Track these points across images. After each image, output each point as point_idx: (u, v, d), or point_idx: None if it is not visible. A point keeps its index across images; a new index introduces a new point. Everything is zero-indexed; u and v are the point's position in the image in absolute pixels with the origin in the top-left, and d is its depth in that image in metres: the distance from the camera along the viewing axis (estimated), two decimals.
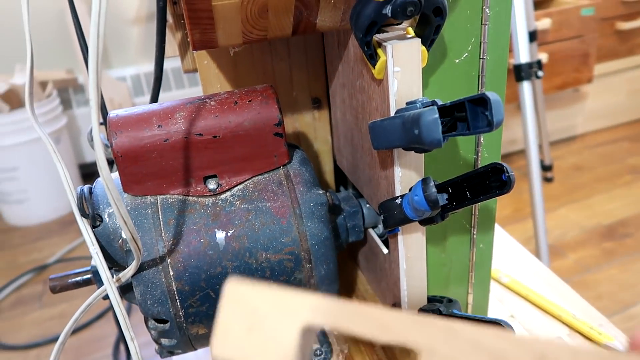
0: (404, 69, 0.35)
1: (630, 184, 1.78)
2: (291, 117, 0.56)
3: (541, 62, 1.26)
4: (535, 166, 1.23)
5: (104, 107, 0.51)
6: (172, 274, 0.39)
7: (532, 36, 1.29)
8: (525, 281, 0.62)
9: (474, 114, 0.30)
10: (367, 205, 0.49)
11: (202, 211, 0.41)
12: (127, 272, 0.38)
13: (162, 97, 0.50)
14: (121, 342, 1.23)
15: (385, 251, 0.47)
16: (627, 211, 1.65)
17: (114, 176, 0.43)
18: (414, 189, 0.36)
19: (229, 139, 0.41)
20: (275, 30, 0.39)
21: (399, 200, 0.38)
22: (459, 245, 0.48)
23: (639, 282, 1.35)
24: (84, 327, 1.32)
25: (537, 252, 1.27)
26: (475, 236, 0.47)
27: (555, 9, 1.71)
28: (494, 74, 0.41)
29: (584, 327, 0.54)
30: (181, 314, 0.40)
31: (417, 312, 0.43)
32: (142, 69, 2.08)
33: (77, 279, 0.44)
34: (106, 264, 0.39)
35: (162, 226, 0.40)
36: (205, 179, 0.42)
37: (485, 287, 0.52)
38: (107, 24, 0.27)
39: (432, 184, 0.34)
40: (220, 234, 0.40)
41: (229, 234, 0.41)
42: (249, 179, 0.43)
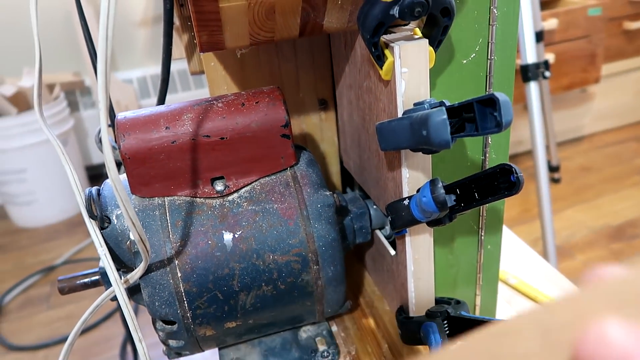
0: (411, 70, 0.35)
1: (638, 185, 1.77)
2: (298, 119, 0.56)
3: (548, 63, 1.25)
4: (542, 167, 1.23)
5: (111, 109, 0.51)
6: (179, 275, 0.40)
7: (539, 36, 1.28)
8: (533, 282, 0.62)
9: (483, 114, 0.30)
10: (374, 206, 0.49)
11: (209, 213, 0.41)
12: (135, 274, 0.38)
13: (168, 99, 0.51)
14: (128, 343, 1.24)
15: (392, 252, 0.47)
16: (635, 212, 1.63)
17: (121, 178, 0.43)
18: (421, 190, 0.36)
19: (236, 140, 0.42)
20: (282, 31, 0.39)
21: (406, 201, 0.37)
22: (467, 246, 0.47)
23: None
24: (91, 328, 1.32)
25: (545, 253, 1.26)
26: (483, 237, 0.47)
27: (562, 9, 1.70)
28: (502, 74, 0.40)
29: None
30: (189, 315, 0.40)
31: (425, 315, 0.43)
32: (149, 71, 2.09)
33: (86, 280, 0.44)
34: (114, 266, 0.39)
35: (169, 228, 0.40)
36: (212, 181, 0.42)
37: (493, 288, 0.51)
38: (114, 26, 0.27)
39: (440, 185, 0.34)
40: (227, 236, 0.41)
41: (237, 236, 0.41)
42: (256, 181, 0.43)
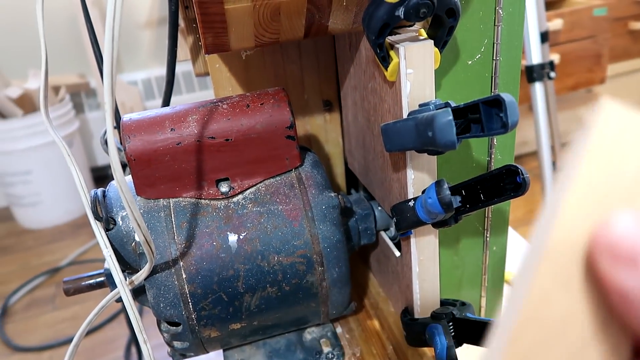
0: (416, 71, 0.35)
1: None
2: (302, 120, 0.56)
3: (553, 63, 1.24)
4: (547, 168, 1.22)
5: (116, 111, 0.51)
6: (184, 276, 0.40)
7: (544, 37, 1.28)
8: None
9: (489, 115, 0.30)
10: (379, 207, 0.49)
11: (214, 214, 0.41)
12: (140, 275, 0.38)
13: (173, 101, 0.51)
14: (133, 344, 1.24)
15: (397, 254, 0.47)
16: None
17: (127, 179, 0.43)
18: (427, 191, 0.35)
19: (241, 141, 0.42)
20: (287, 33, 0.39)
21: (411, 202, 0.37)
22: (472, 248, 0.47)
23: None
24: (96, 329, 1.33)
25: None
26: (488, 239, 0.47)
27: (567, 9, 1.69)
28: (507, 75, 0.40)
29: None
30: (193, 316, 0.40)
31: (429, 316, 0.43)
32: (153, 72, 2.09)
33: (91, 281, 0.44)
34: (119, 267, 0.39)
35: (174, 229, 0.40)
36: (217, 182, 0.42)
37: (498, 290, 0.51)
38: (120, 28, 0.27)
39: (445, 186, 0.34)
40: (232, 237, 0.41)
41: (241, 237, 0.41)
42: (261, 182, 0.43)
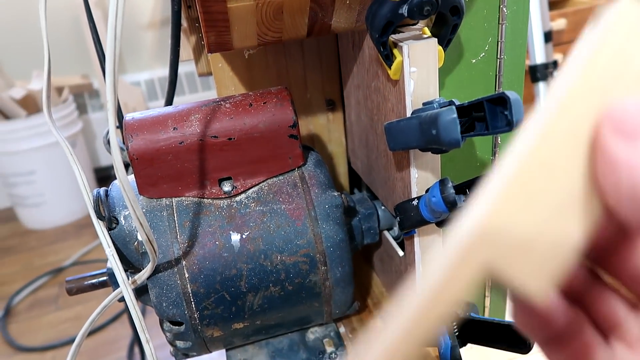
0: (420, 69, 0.35)
1: None
2: (305, 119, 0.56)
3: (557, 63, 1.24)
4: None
5: (119, 110, 0.51)
6: (187, 276, 0.39)
7: (548, 37, 1.27)
8: None
9: (493, 113, 0.30)
10: (382, 207, 0.49)
11: (217, 213, 0.41)
12: (142, 274, 0.38)
13: (175, 101, 0.51)
14: (136, 344, 1.24)
15: (400, 253, 0.47)
16: None
17: (129, 179, 0.43)
18: (431, 190, 0.35)
19: (244, 141, 0.41)
20: (290, 31, 0.39)
21: (415, 201, 0.37)
22: None
23: None
24: (98, 329, 1.33)
25: None
26: None
27: (570, 9, 1.69)
28: (512, 73, 0.40)
29: None
30: (196, 316, 0.40)
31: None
32: (156, 73, 2.10)
33: (93, 281, 0.44)
34: (122, 266, 0.39)
35: (177, 228, 0.40)
36: (220, 181, 0.42)
37: (502, 290, 0.51)
38: (122, 25, 0.27)
39: (450, 185, 0.34)
40: (235, 236, 0.40)
41: (244, 236, 0.40)
42: (263, 181, 0.43)
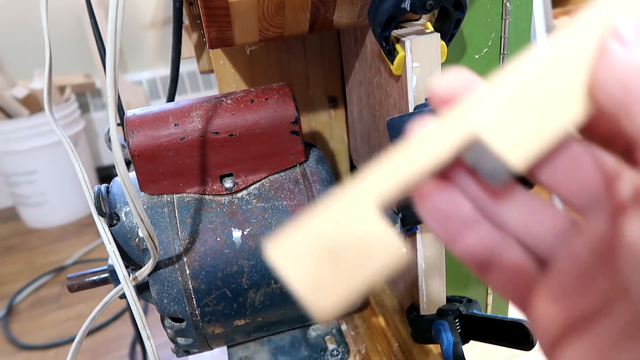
0: (423, 65, 0.34)
1: None
2: (307, 116, 0.55)
3: None
4: None
5: (121, 108, 0.51)
6: (188, 272, 0.39)
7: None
8: None
9: None
10: None
11: (218, 210, 0.41)
12: (143, 271, 0.38)
13: (177, 100, 0.50)
14: (137, 342, 1.24)
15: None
16: None
17: (130, 175, 0.43)
18: None
19: (246, 137, 0.41)
20: (291, 27, 0.39)
21: None
22: None
23: None
24: (100, 327, 1.33)
25: None
26: None
27: (573, 6, 1.68)
28: None
29: None
30: (197, 312, 0.40)
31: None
32: (158, 72, 2.10)
33: (94, 278, 0.44)
34: (123, 263, 0.39)
35: (178, 225, 0.40)
36: (221, 178, 0.42)
37: None
38: (123, 28, 0.26)
39: None
40: (236, 233, 0.40)
41: (246, 233, 0.40)
42: (265, 178, 0.43)
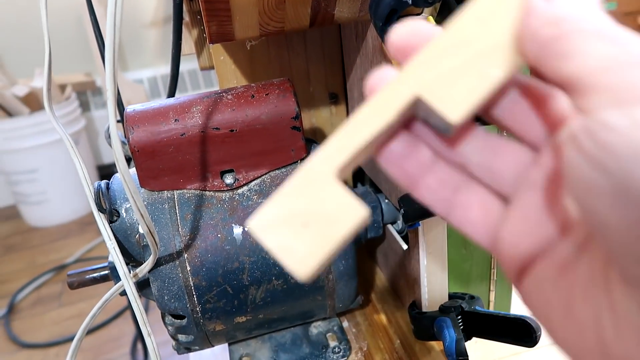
0: None
1: None
2: (308, 113, 0.55)
3: None
4: None
5: (121, 105, 0.50)
6: (189, 269, 0.39)
7: None
8: None
9: None
10: (386, 200, 0.49)
11: (219, 206, 0.41)
12: (144, 268, 0.38)
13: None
14: (139, 340, 1.24)
15: (404, 247, 0.46)
16: None
17: (131, 172, 0.43)
18: None
19: (246, 133, 0.41)
20: (292, 22, 0.39)
21: None
22: None
23: None
24: (102, 325, 1.33)
25: None
26: None
27: None
28: None
29: None
30: (198, 309, 0.40)
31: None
32: (159, 71, 2.10)
33: (95, 275, 0.43)
34: (123, 260, 0.38)
35: (179, 221, 0.40)
36: (222, 174, 0.42)
37: (507, 284, 0.50)
38: (123, 27, 0.26)
39: None
40: (237, 229, 0.40)
41: (246, 229, 0.40)
42: (266, 174, 0.42)
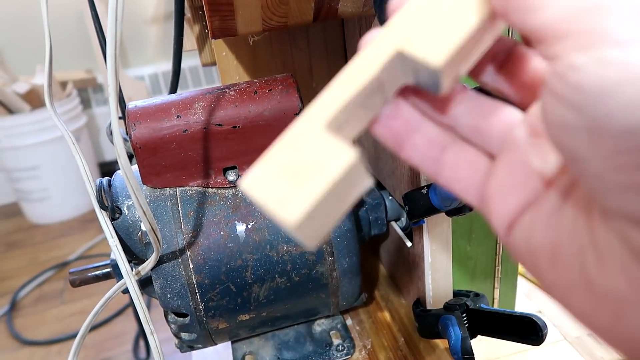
0: None
1: None
2: None
3: None
4: None
5: (122, 101, 0.50)
6: (191, 266, 0.39)
7: None
8: None
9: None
10: (390, 197, 0.48)
11: (221, 203, 0.40)
12: (146, 265, 0.38)
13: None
14: (141, 337, 1.24)
15: (409, 244, 0.46)
16: None
17: (133, 169, 0.43)
18: None
19: (249, 129, 0.41)
20: (295, 16, 0.38)
21: (424, 190, 0.36)
22: (485, 238, 0.46)
23: None
24: (104, 323, 1.33)
25: None
26: None
27: None
28: None
29: None
30: (201, 307, 0.40)
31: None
32: (160, 67, 2.09)
33: (97, 272, 0.43)
34: (125, 257, 0.38)
35: (181, 218, 0.40)
36: (225, 171, 0.41)
37: (512, 281, 0.50)
38: (125, 23, 0.26)
39: None
40: (240, 226, 0.40)
41: (250, 226, 0.40)
42: None
